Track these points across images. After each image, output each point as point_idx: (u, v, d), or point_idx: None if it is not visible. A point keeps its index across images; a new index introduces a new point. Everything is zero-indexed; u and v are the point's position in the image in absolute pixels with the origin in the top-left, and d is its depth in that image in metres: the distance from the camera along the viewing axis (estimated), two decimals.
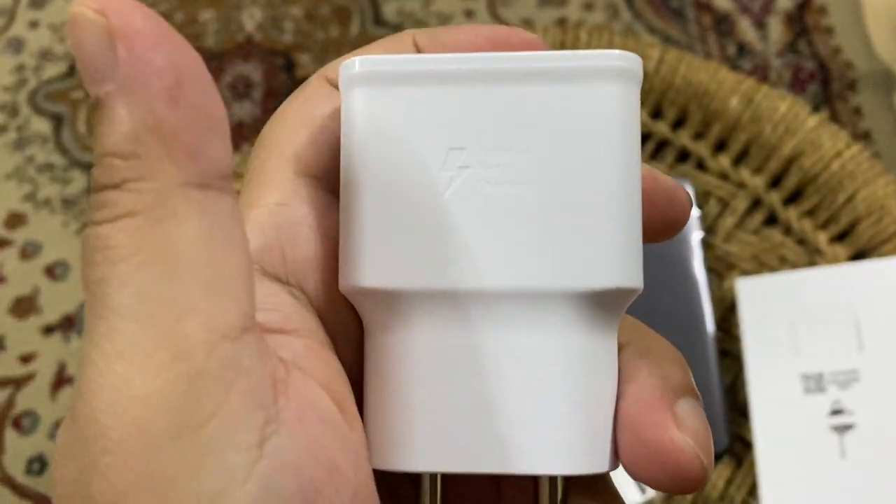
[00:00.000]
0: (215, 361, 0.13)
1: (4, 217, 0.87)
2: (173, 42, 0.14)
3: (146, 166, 0.13)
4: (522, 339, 0.16)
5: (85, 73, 0.14)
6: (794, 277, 0.49)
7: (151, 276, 0.13)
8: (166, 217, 0.13)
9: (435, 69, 0.16)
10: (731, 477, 0.47)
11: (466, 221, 0.16)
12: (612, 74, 0.16)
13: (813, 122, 0.52)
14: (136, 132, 0.13)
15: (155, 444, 0.13)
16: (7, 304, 0.84)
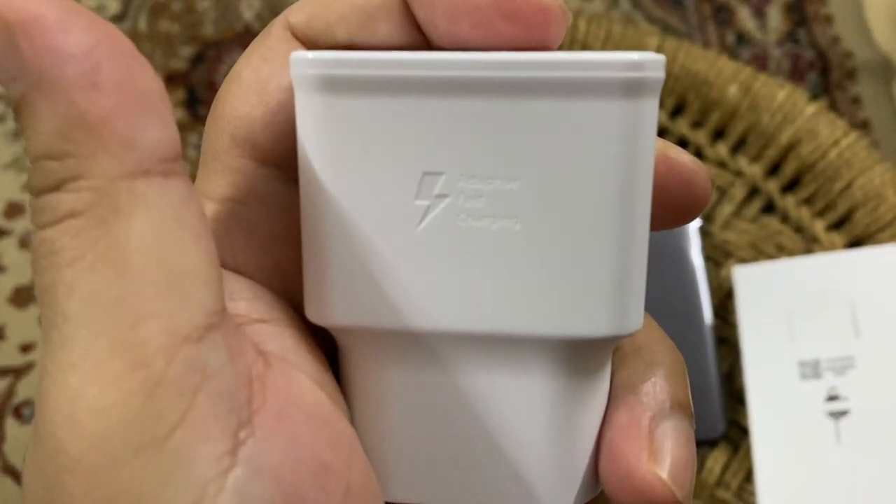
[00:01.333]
0: (177, 367, 0.12)
1: (3, 207, 0.87)
2: (82, 21, 0.12)
3: (80, 163, 0.12)
4: (503, 381, 0.14)
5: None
6: (791, 265, 0.49)
7: (100, 279, 0.12)
8: (110, 214, 0.12)
9: (407, 75, 0.13)
10: (728, 463, 0.47)
11: (443, 256, 0.14)
12: (619, 88, 0.13)
13: (811, 110, 0.52)
14: (63, 128, 0.12)
15: (117, 459, 0.12)
16: (7, 293, 0.84)
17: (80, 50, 0.12)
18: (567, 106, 0.13)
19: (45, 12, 0.11)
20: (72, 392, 0.12)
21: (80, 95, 0.12)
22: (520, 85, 0.13)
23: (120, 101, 0.12)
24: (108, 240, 0.12)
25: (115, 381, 0.12)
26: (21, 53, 0.11)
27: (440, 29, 0.14)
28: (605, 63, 0.13)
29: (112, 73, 0.12)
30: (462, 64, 0.13)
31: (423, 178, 0.13)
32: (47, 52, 0.12)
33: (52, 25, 0.11)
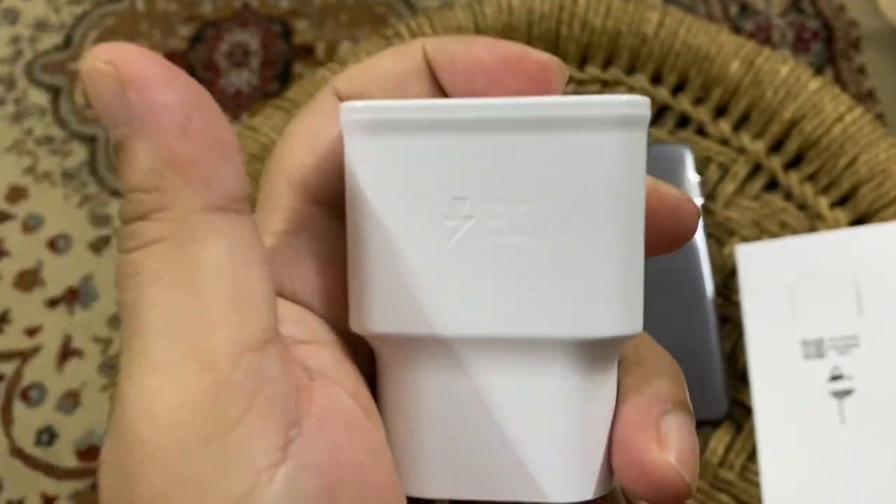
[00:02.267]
0: (240, 372, 0.14)
1: (5, 191, 0.87)
2: (179, 80, 0.15)
3: (168, 197, 0.15)
4: (523, 380, 0.16)
5: (104, 119, 0.15)
6: (794, 243, 0.49)
7: (179, 296, 0.14)
8: (189, 241, 0.15)
9: (438, 117, 0.16)
10: (731, 443, 0.47)
11: (470, 270, 0.16)
12: (613, 123, 0.16)
13: (815, 85, 0.51)
14: (155, 167, 0.15)
15: (187, 449, 0.14)
16: (11, 277, 0.84)
17: (176, 104, 0.15)
18: (571, 138, 0.16)
19: (150, 71, 0.15)
20: (150, 391, 0.14)
21: (174, 141, 0.15)
22: (532, 122, 0.16)
23: (204, 147, 0.15)
24: (185, 263, 0.15)
25: (188, 382, 0.14)
26: (129, 103, 0.14)
27: (460, 87, 0.17)
28: (602, 103, 0.16)
29: (199, 124, 0.15)
30: (483, 107, 0.16)
31: (451, 202, 0.16)
32: (151, 104, 0.14)
33: (155, 82, 0.14)
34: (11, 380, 0.81)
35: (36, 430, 0.79)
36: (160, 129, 0.14)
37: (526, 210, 0.16)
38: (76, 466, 0.78)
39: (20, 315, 0.83)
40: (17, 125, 0.90)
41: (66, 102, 0.91)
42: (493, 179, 0.16)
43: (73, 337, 0.83)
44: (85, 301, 0.84)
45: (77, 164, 0.89)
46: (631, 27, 0.54)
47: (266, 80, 0.91)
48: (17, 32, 0.95)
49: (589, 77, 0.55)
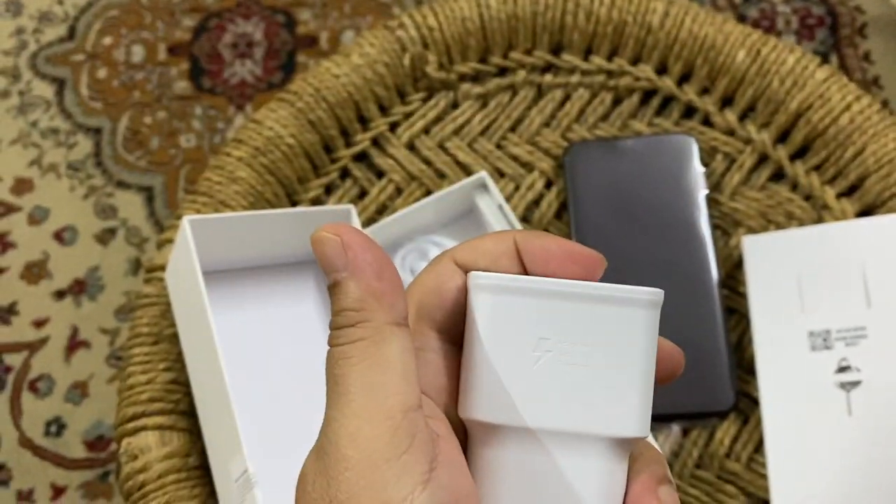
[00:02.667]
0: (406, 422, 0.23)
1: (11, 183, 0.87)
2: (374, 247, 0.24)
3: (368, 313, 0.24)
4: (574, 460, 0.25)
5: (326, 267, 0.24)
6: (801, 234, 0.48)
7: (372, 372, 0.23)
8: (381, 341, 0.24)
9: (535, 288, 0.25)
10: (738, 434, 0.47)
11: (545, 385, 0.25)
12: (643, 304, 0.25)
13: (822, 74, 0.51)
14: (362, 297, 0.24)
15: (376, 464, 0.22)
16: (18, 269, 0.84)
17: (373, 260, 0.24)
18: (617, 309, 0.25)
19: (359, 241, 0.24)
20: (353, 428, 0.23)
21: (373, 281, 0.24)
22: (594, 297, 0.25)
23: (390, 285, 0.24)
24: (378, 354, 0.24)
25: (377, 423, 0.23)
26: (347, 258, 0.24)
27: (536, 268, 0.26)
28: (637, 291, 0.25)
29: (387, 273, 0.24)
30: (563, 284, 0.25)
31: (538, 340, 0.25)
32: (359, 259, 0.24)
33: (362, 247, 0.24)
34: (20, 371, 0.81)
35: (44, 421, 0.80)
36: (365, 274, 0.24)
37: (586, 350, 0.25)
38: (85, 457, 0.79)
39: (27, 307, 0.83)
40: (22, 117, 0.90)
41: (70, 94, 0.91)
42: (566, 328, 0.25)
43: (79, 329, 0.83)
44: (92, 292, 0.84)
45: (82, 156, 0.89)
46: (636, 17, 0.53)
47: (270, 70, 0.91)
48: (21, 24, 0.95)
49: (594, 67, 0.54)
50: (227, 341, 0.45)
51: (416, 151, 0.54)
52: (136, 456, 0.44)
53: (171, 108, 0.90)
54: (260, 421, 0.43)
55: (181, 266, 0.43)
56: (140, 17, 0.94)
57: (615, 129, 0.54)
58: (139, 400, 0.45)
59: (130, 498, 0.43)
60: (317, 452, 0.23)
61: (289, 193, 0.52)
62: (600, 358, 0.25)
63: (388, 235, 0.50)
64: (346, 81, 0.53)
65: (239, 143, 0.51)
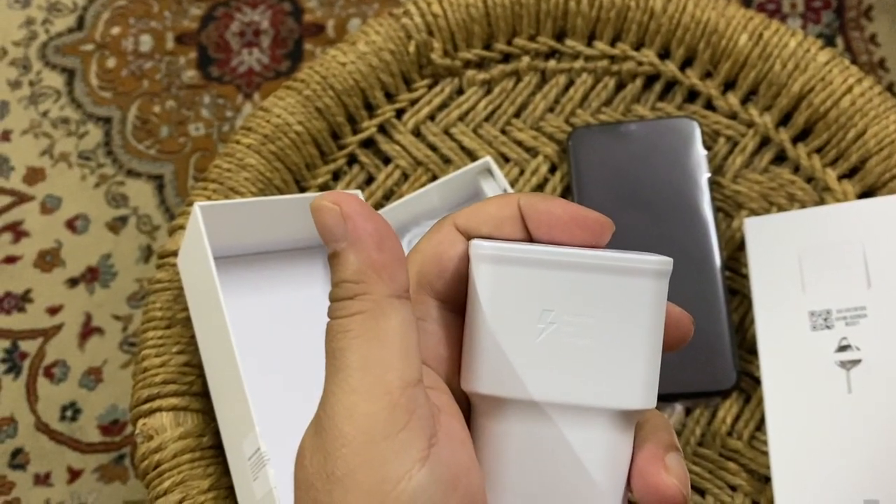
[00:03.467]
0: (405, 398, 0.22)
1: (24, 173, 0.88)
2: (375, 217, 0.23)
3: (367, 286, 0.23)
4: (580, 433, 0.24)
5: (326, 237, 0.23)
6: (802, 215, 0.49)
7: (371, 347, 0.23)
8: (380, 314, 0.23)
9: (538, 258, 0.24)
10: (740, 412, 0.48)
11: (548, 357, 0.24)
12: (651, 273, 0.24)
13: (823, 57, 0.52)
14: (361, 268, 0.23)
15: (373, 441, 0.22)
16: (32, 258, 0.86)
17: (374, 230, 0.23)
18: (625, 279, 0.24)
19: (360, 210, 0.23)
20: (350, 404, 0.22)
21: (373, 252, 0.23)
22: (599, 267, 0.24)
23: (391, 257, 0.23)
24: (377, 327, 0.23)
25: (375, 400, 0.22)
26: (346, 228, 0.23)
27: (541, 234, 0.25)
28: (646, 260, 0.24)
29: (387, 243, 0.23)
30: (568, 253, 0.24)
31: (541, 312, 0.24)
32: (360, 230, 0.23)
33: (362, 217, 0.23)
34: (35, 358, 0.83)
35: (60, 406, 0.81)
36: (365, 245, 0.23)
37: (591, 321, 0.24)
38: (100, 441, 0.80)
39: (41, 294, 0.84)
40: (33, 107, 0.92)
41: (80, 84, 0.92)
42: (570, 300, 0.24)
43: (93, 315, 0.84)
44: (104, 280, 0.85)
45: (93, 146, 0.90)
46: (639, 2, 0.54)
47: (277, 58, 0.91)
48: (30, 15, 0.96)
49: (598, 53, 0.55)
50: (239, 324, 0.46)
51: (421, 137, 0.55)
52: (151, 436, 0.45)
53: (179, 96, 0.91)
54: (271, 401, 0.44)
55: (193, 252, 0.44)
56: (148, 6, 0.95)
57: (618, 114, 0.54)
58: (154, 382, 0.46)
59: (147, 477, 0.44)
60: (315, 427, 0.23)
61: (297, 180, 0.53)
62: (606, 329, 0.24)
63: (394, 220, 0.50)
64: (352, 69, 0.53)
65: (248, 131, 0.52)
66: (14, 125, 0.92)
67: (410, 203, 0.50)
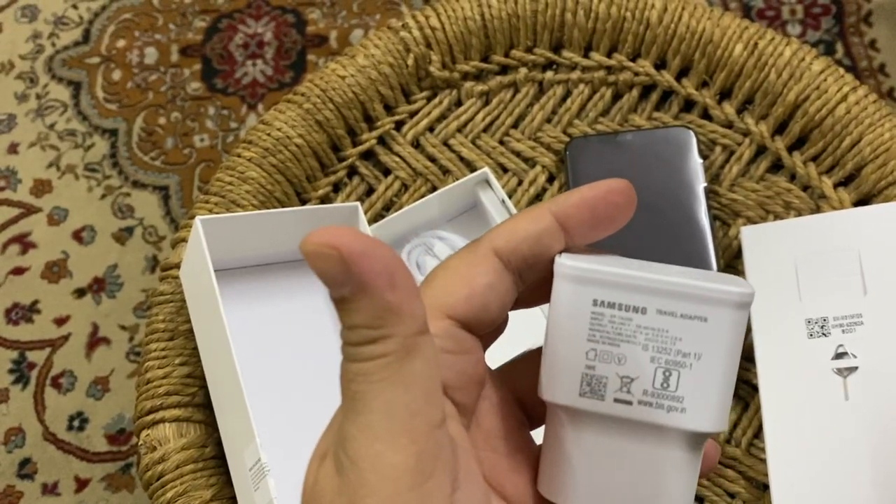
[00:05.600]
0: (430, 444, 0.22)
1: (31, 185, 0.89)
2: (383, 251, 0.21)
3: (387, 329, 0.21)
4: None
5: (328, 284, 0.21)
6: (798, 223, 0.49)
7: (395, 391, 0.21)
8: (404, 356, 0.21)
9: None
10: (738, 420, 0.48)
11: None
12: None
13: (818, 66, 0.52)
14: (377, 312, 0.21)
15: (399, 492, 0.21)
16: (39, 269, 0.87)
17: (383, 269, 0.21)
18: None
19: (363, 248, 0.20)
20: (375, 453, 0.21)
21: (386, 293, 0.21)
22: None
23: (405, 293, 0.21)
24: (400, 370, 0.21)
25: (401, 449, 0.21)
26: (350, 272, 0.20)
27: (583, 226, 0.25)
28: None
29: (399, 279, 0.21)
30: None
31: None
32: (366, 272, 0.20)
33: (367, 256, 0.20)
34: (42, 368, 0.84)
35: (67, 415, 0.82)
36: (375, 287, 0.21)
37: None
38: (107, 450, 0.81)
39: (49, 305, 0.85)
40: (40, 120, 0.93)
41: (86, 96, 0.93)
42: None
43: (99, 326, 0.85)
44: (111, 290, 0.86)
45: (99, 158, 0.91)
46: (635, 13, 0.54)
47: (281, 70, 0.92)
48: (37, 29, 0.97)
49: (594, 64, 0.56)
50: (240, 336, 0.46)
51: (420, 149, 0.55)
52: (154, 447, 0.46)
53: (184, 108, 0.92)
54: (272, 412, 0.45)
55: (194, 264, 0.45)
56: (153, 19, 0.96)
57: (615, 124, 0.55)
58: (157, 393, 0.47)
59: (150, 488, 0.45)
60: (335, 467, 0.22)
61: (298, 192, 0.54)
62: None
63: (394, 231, 0.51)
64: (352, 82, 0.54)
65: (249, 144, 0.53)
66: (21, 138, 0.93)
67: (410, 214, 0.51)
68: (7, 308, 0.87)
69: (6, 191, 0.91)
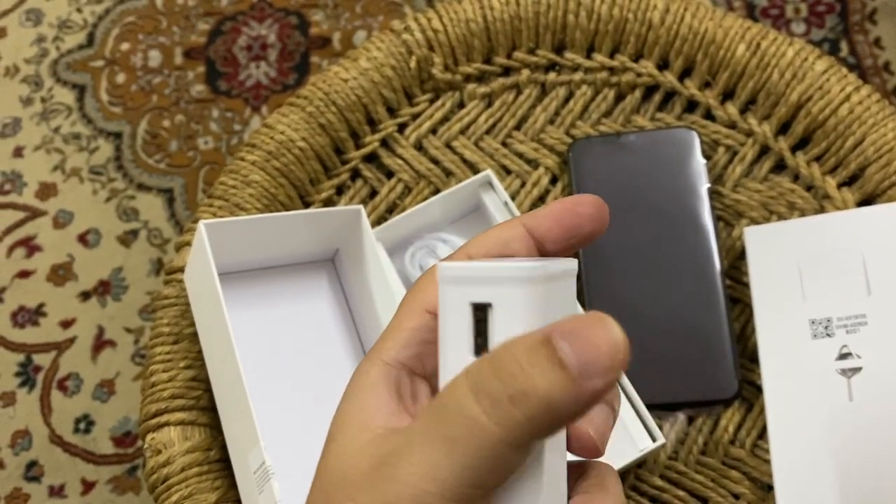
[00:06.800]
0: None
1: (36, 188, 0.90)
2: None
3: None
4: None
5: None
6: (802, 224, 0.49)
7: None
8: None
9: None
10: (742, 421, 0.48)
11: None
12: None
13: (821, 66, 0.52)
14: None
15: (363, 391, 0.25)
16: (45, 272, 0.87)
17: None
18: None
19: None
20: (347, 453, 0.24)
21: (587, 440, 0.25)
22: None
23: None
24: None
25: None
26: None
27: (553, 233, 0.26)
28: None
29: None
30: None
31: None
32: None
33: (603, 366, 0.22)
34: (48, 371, 0.84)
35: (74, 418, 0.82)
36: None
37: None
38: (113, 452, 0.81)
39: (55, 308, 0.86)
40: (45, 123, 0.93)
41: (91, 100, 0.94)
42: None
43: (105, 328, 0.86)
44: (116, 293, 0.86)
45: (104, 161, 0.91)
46: (637, 14, 0.54)
47: (284, 72, 0.92)
48: (41, 32, 0.97)
49: (597, 65, 0.56)
50: (244, 339, 0.46)
51: (423, 151, 0.55)
52: (159, 451, 0.46)
53: (188, 111, 0.92)
54: (276, 415, 0.45)
55: (198, 268, 0.45)
56: (156, 22, 0.96)
57: (618, 125, 0.55)
58: (162, 397, 0.47)
59: (155, 491, 0.45)
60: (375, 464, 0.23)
61: (301, 195, 0.54)
62: None
63: (397, 233, 0.51)
64: (354, 85, 0.54)
65: (252, 148, 0.53)
66: (26, 141, 0.93)
67: (413, 216, 0.51)
68: (13, 311, 0.87)
69: (12, 194, 0.91)
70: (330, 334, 0.49)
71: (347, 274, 0.50)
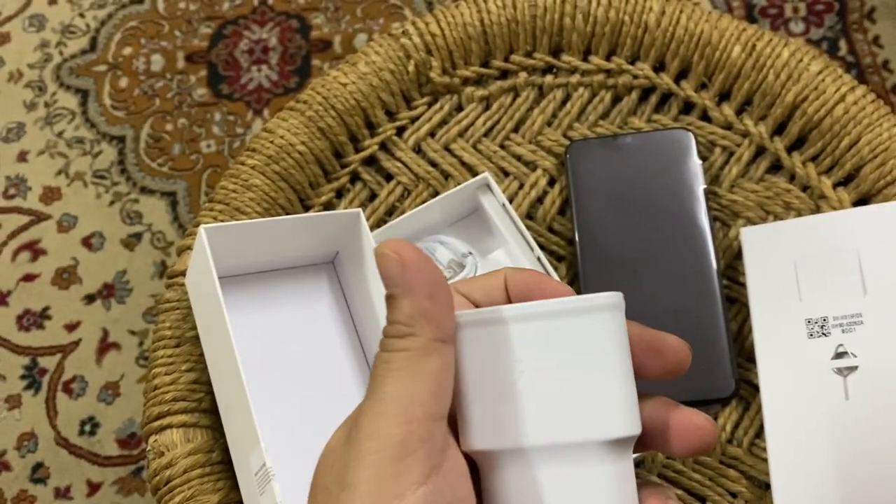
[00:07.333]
0: (422, 430, 0.25)
1: (40, 193, 0.90)
2: (430, 268, 0.26)
3: (416, 329, 0.26)
4: (578, 470, 0.26)
5: (385, 280, 0.26)
6: (798, 224, 0.49)
7: (410, 381, 0.25)
8: (423, 354, 0.25)
9: (501, 316, 0.26)
10: (739, 420, 0.49)
11: (530, 404, 0.26)
12: (600, 308, 0.26)
13: (816, 67, 0.52)
14: (412, 313, 0.26)
15: (381, 460, 0.25)
16: (49, 275, 0.88)
17: (426, 281, 0.26)
18: (578, 319, 0.26)
19: (416, 260, 0.25)
20: (376, 425, 0.25)
21: (424, 300, 0.26)
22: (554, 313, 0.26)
23: (440, 306, 0.26)
24: (418, 365, 0.25)
25: (396, 426, 0.25)
26: (405, 276, 0.25)
27: (521, 294, 0.28)
28: (592, 298, 0.26)
29: (439, 294, 0.26)
30: (527, 307, 0.26)
31: (515, 363, 0.26)
32: (414, 279, 0.25)
33: (417, 267, 0.25)
34: (54, 373, 0.85)
35: (79, 420, 0.83)
36: (418, 293, 0.25)
37: (561, 363, 0.26)
38: (118, 454, 0.82)
39: (59, 311, 0.86)
40: (49, 128, 0.94)
41: (94, 104, 0.94)
42: (537, 347, 0.26)
43: (109, 331, 0.86)
44: (120, 296, 0.87)
45: (107, 164, 0.92)
46: (633, 17, 0.55)
47: (286, 75, 0.93)
48: (45, 38, 0.98)
49: (594, 67, 0.56)
50: (245, 342, 0.47)
51: (422, 154, 0.56)
52: (162, 453, 0.46)
53: (191, 114, 0.92)
54: (277, 417, 0.45)
55: (199, 272, 0.46)
56: (158, 26, 0.97)
57: (615, 127, 0.55)
58: (164, 399, 0.47)
59: (158, 492, 0.46)
60: (346, 435, 0.26)
61: (301, 199, 0.55)
62: (576, 368, 0.26)
63: (396, 236, 0.52)
64: (353, 89, 0.55)
65: (252, 152, 0.54)
66: (30, 146, 0.94)
67: (412, 219, 0.51)
68: (18, 315, 0.88)
69: (16, 199, 0.92)
70: (330, 337, 0.50)
71: (347, 277, 0.50)
